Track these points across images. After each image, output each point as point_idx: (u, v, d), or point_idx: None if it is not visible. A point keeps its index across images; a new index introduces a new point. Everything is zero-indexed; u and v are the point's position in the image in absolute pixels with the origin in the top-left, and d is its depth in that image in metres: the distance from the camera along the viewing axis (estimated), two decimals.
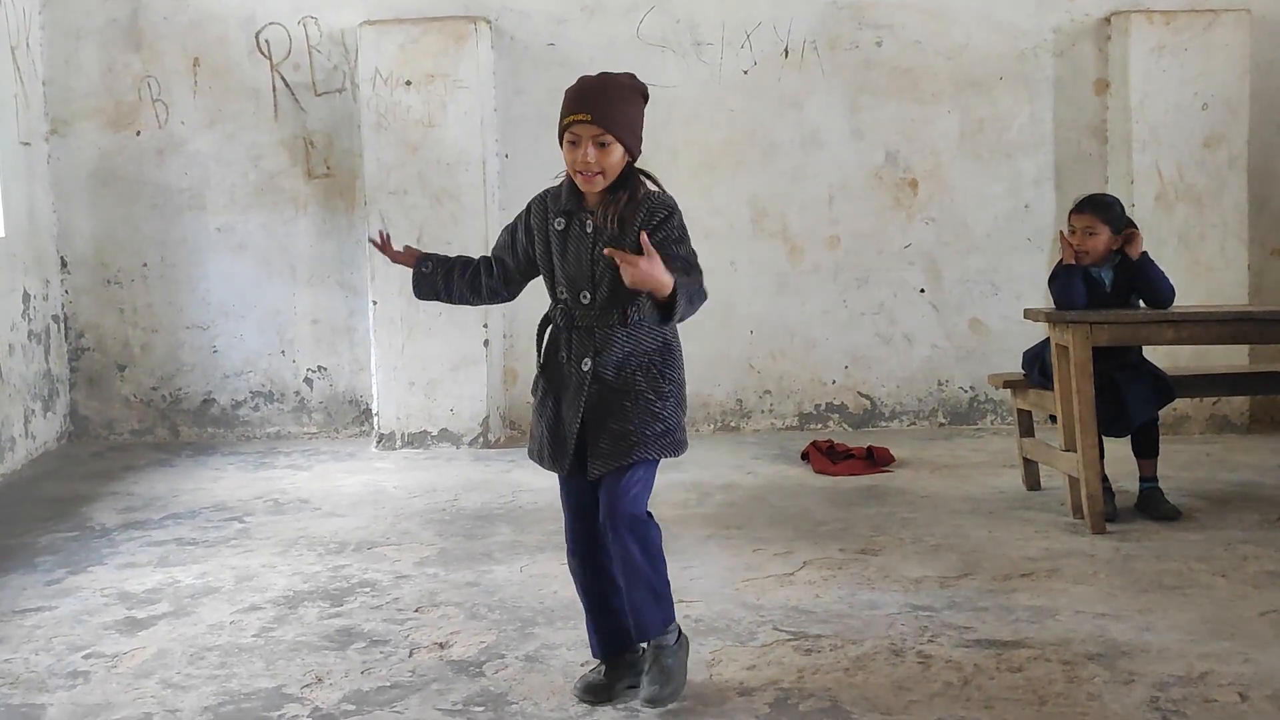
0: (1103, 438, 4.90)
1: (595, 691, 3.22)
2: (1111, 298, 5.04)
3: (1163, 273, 5.00)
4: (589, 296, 3.14)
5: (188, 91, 7.02)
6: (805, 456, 6.24)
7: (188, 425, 7.17)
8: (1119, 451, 5.18)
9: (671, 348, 3.20)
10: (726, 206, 7.03)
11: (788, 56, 7.02)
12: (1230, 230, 6.84)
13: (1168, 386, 5.01)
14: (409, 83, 6.67)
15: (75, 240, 7.09)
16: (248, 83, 7.01)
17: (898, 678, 3.34)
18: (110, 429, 7.18)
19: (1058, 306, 5.01)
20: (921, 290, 7.12)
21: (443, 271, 3.36)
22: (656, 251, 2.95)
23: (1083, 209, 5.06)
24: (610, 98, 3.10)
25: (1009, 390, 5.59)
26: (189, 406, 7.17)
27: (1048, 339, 5.08)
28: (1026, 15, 7.01)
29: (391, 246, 3.38)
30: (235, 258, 7.09)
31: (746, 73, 7.03)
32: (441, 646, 3.65)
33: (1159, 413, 5.10)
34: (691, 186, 6.58)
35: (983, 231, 7.10)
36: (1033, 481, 5.50)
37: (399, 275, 6.71)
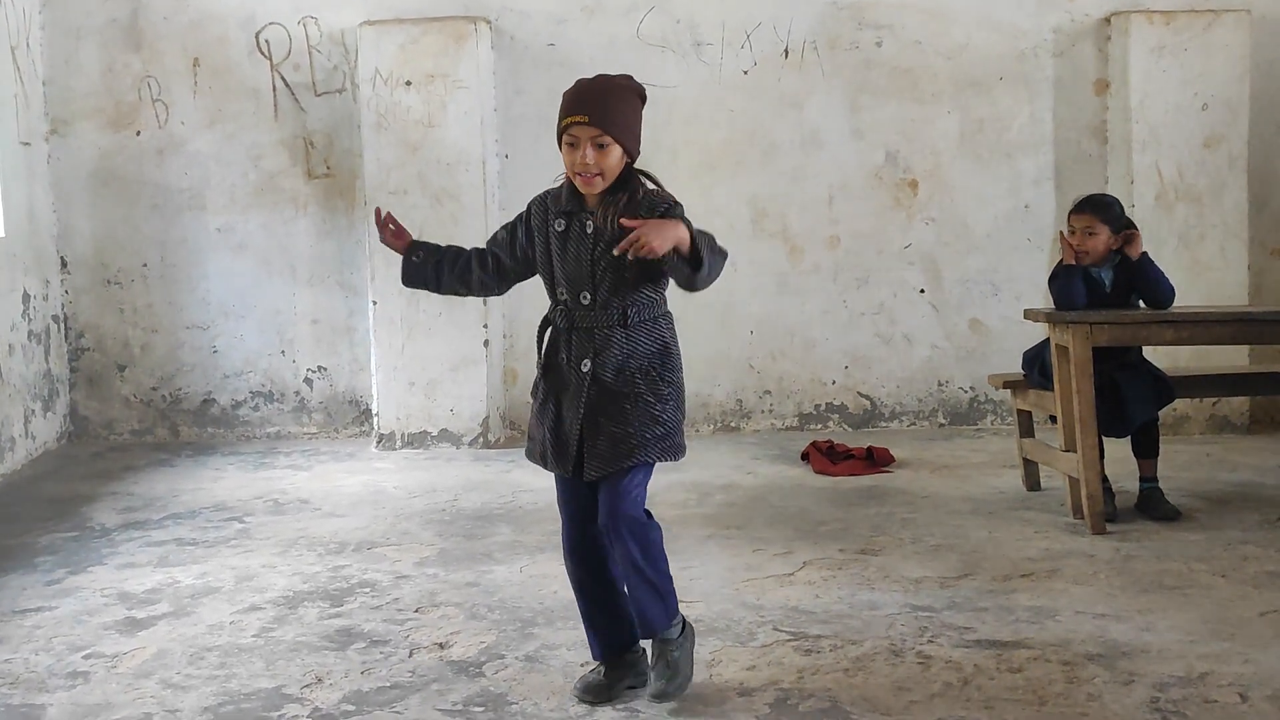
0: (1103, 438, 4.90)
1: (595, 692, 3.23)
2: (1111, 298, 5.04)
3: (1162, 273, 5.00)
4: (589, 297, 3.14)
5: (188, 91, 7.02)
6: (805, 457, 6.23)
7: (188, 425, 7.17)
8: (1119, 452, 5.18)
9: (670, 350, 3.21)
10: (726, 206, 7.03)
11: (788, 57, 7.02)
12: (1230, 230, 6.84)
13: (1168, 387, 5.01)
14: (409, 83, 6.67)
15: (75, 240, 7.09)
16: (248, 83, 7.01)
17: (897, 678, 3.34)
18: (110, 429, 7.18)
19: (1058, 307, 5.01)
20: (921, 290, 7.12)
21: (433, 262, 3.35)
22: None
23: (1082, 209, 5.06)
24: (608, 99, 3.10)
25: (1009, 391, 5.59)
26: (189, 406, 7.17)
27: (1047, 339, 5.08)
28: (1026, 15, 7.01)
29: (389, 227, 3.36)
30: (235, 258, 7.09)
31: (746, 73, 7.03)
32: (441, 647, 3.65)
33: (1159, 413, 5.10)
34: (691, 187, 6.56)
35: (983, 232, 7.10)
36: (1033, 482, 5.50)
37: (399, 275, 6.72)
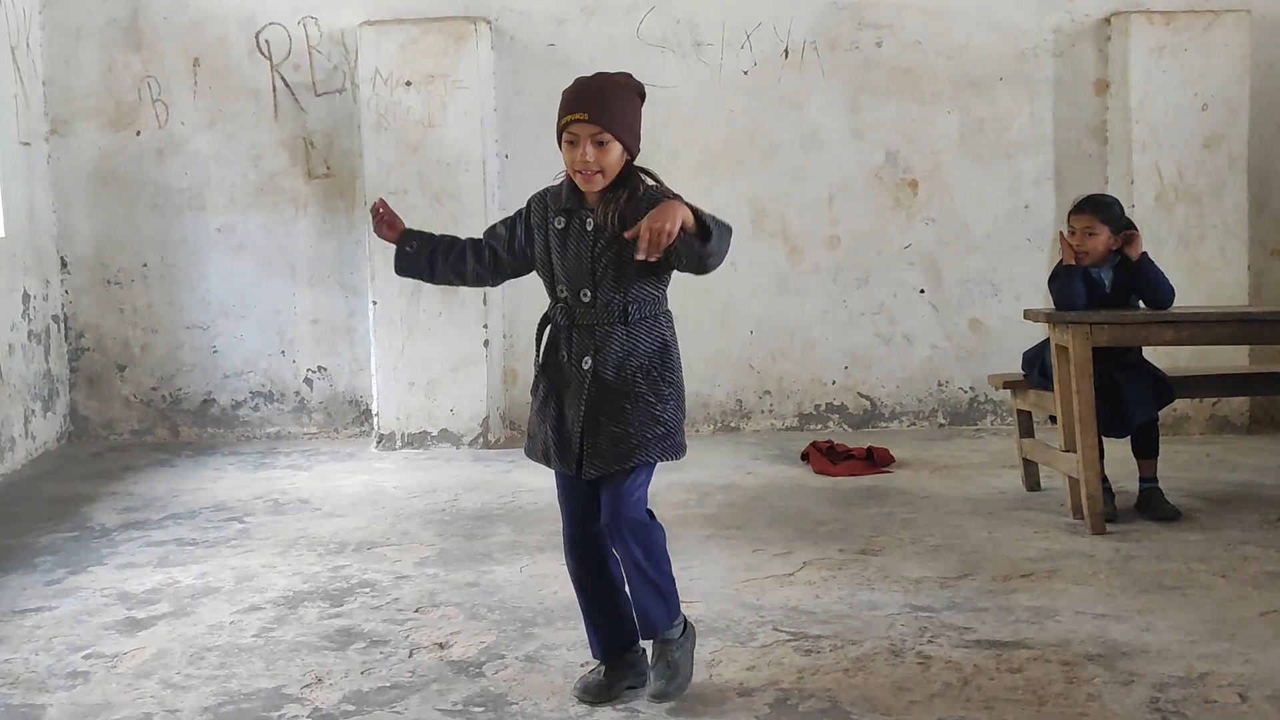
0: (1102, 438, 4.90)
1: (595, 692, 3.23)
2: (1111, 298, 5.04)
3: (1162, 273, 5.00)
4: (589, 295, 3.14)
5: (188, 91, 7.02)
6: (805, 457, 6.23)
7: (188, 425, 7.17)
8: (1119, 452, 5.18)
9: (670, 348, 3.21)
10: (726, 207, 6.99)
11: (788, 57, 7.02)
12: (1230, 231, 6.84)
13: (1168, 387, 5.01)
14: (409, 83, 6.67)
15: (75, 240, 7.09)
16: (248, 83, 7.01)
17: (897, 678, 3.34)
18: (110, 429, 7.18)
19: (1057, 307, 5.01)
20: (921, 290, 7.12)
21: (426, 253, 3.35)
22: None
23: (1082, 209, 5.06)
24: (607, 97, 3.10)
25: (1009, 391, 5.59)
26: (189, 406, 7.17)
27: (1047, 339, 5.08)
28: (1026, 15, 7.01)
29: (379, 213, 3.34)
30: (235, 258, 7.09)
31: (746, 73, 7.03)
32: (441, 647, 3.65)
33: (1159, 413, 5.10)
34: (691, 187, 6.44)
35: (983, 232, 7.10)
36: (1033, 482, 5.50)
37: (399, 276, 6.73)
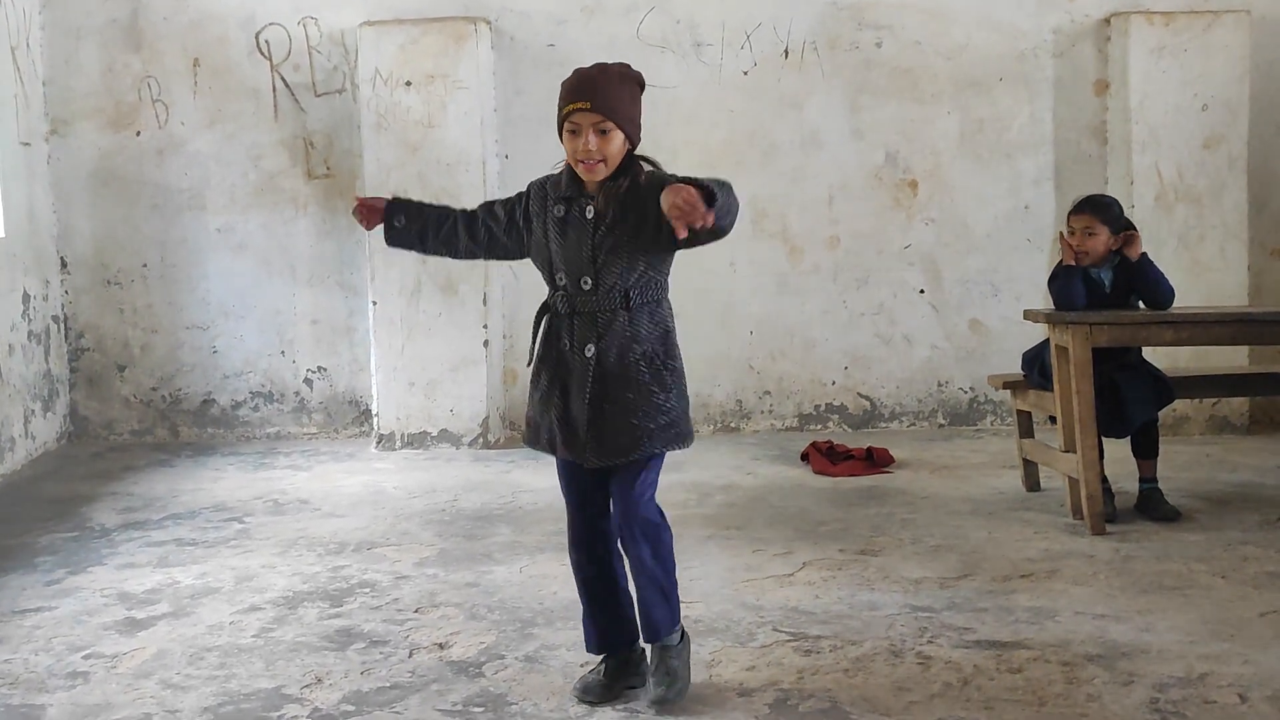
0: (1102, 438, 4.90)
1: (594, 692, 3.23)
2: (1111, 298, 5.04)
3: (1162, 274, 5.00)
4: (590, 282, 3.13)
5: (188, 92, 7.02)
6: (805, 457, 6.23)
7: (187, 425, 7.17)
8: (1119, 452, 5.18)
9: (671, 335, 3.21)
10: None
11: (788, 57, 7.02)
12: (1230, 231, 6.84)
13: (1167, 387, 5.01)
14: (409, 83, 6.67)
15: (75, 240, 7.09)
16: (248, 83, 7.01)
17: (897, 678, 3.34)
18: (110, 429, 7.18)
19: (1057, 307, 5.01)
20: (921, 291, 7.12)
21: (417, 227, 3.33)
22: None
23: (1081, 209, 5.06)
24: (609, 86, 3.10)
25: (1009, 391, 5.59)
26: (189, 407, 7.17)
27: (1047, 340, 5.08)
28: (1026, 16, 7.01)
29: (365, 210, 3.33)
30: (235, 258, 7.09)
31: (746, 73, 7.03)
32: (441, 647, 3.65)
33: (1158, 413, 5.10)
34: None
35: (982, 232, 7.10)
36: (1032, 482, 5.50)
37: (399, 276, 6.74)
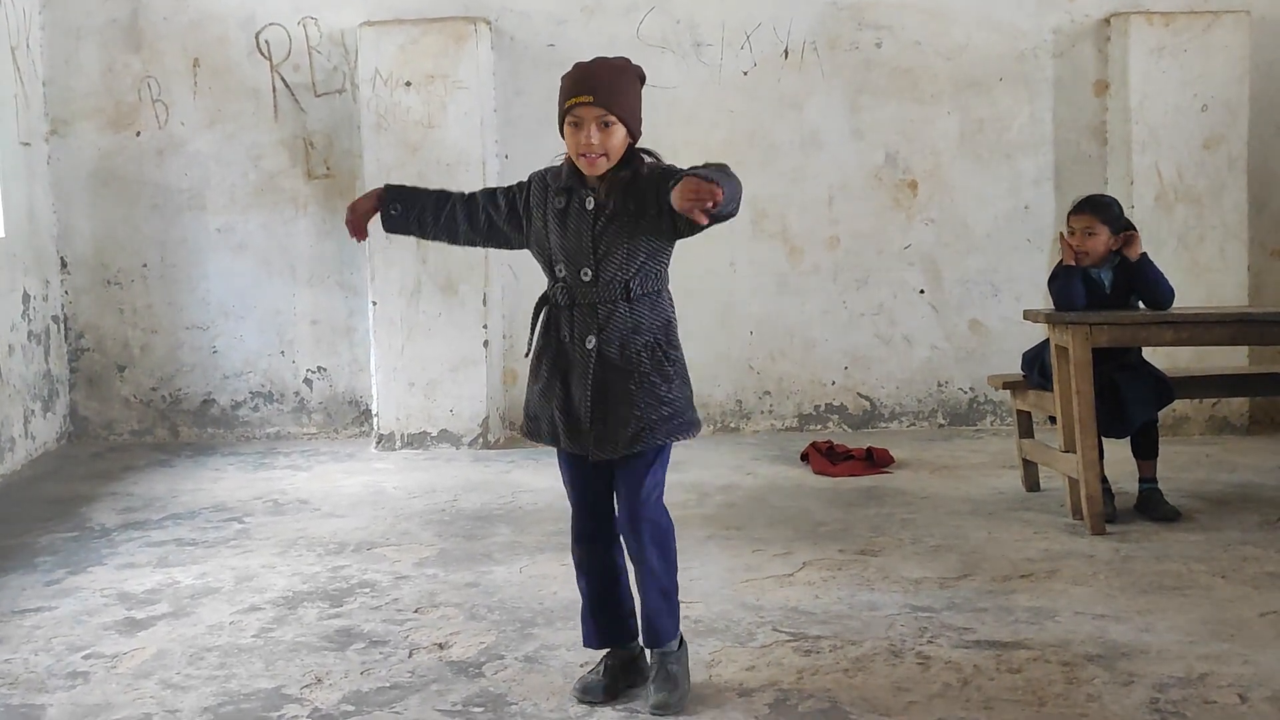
0: (1102, 439, 4.90)
1: (594, 692, 3.23)
2: (1111, 299, 5.04)
3: (1162, 274, 5.00)
4: (590, 273, 3.13)
5: (188, 92, 7.02)
6: (805, 457, 6.23)
7: (187, 426, 7.17)
8: (1119, 453, 5.18)
9: (672, 325, 3.21)
10: None
11: (787, 57, 7.02)
12: (1230, 231, 6.84)
13: (1167, 388, 5.01)
14: (409, 83, 6.67)
15: (75, 240, 7.09)
16: (248, 83, 7.01)
17: (897, 679, 3.34)
18: (110, 429, 7.18)
19: (1057, 307, 5.01)
20: (921, 291, 7.12)
21: (415, 214, 3.34)
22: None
23: (1081, 210, 5.06)
24: (611, 79, 3.10)
25: (1008, 391, 5.59)
26: (189, 407, 7.17)
27: (1047, 340, 5.08)
28: (1026, 16, 7.01)
29: (357, 219, 3.32)
30: (235, 258, 7.09)
31: (746, 73, 7.03)
32: (441, 647, 3.65)
33: (1158, 414, 5.11)
34: None
35: (982, 232, 7.10)
36: (1032, 483, 5.50)
37: (399, 276, 6.74)
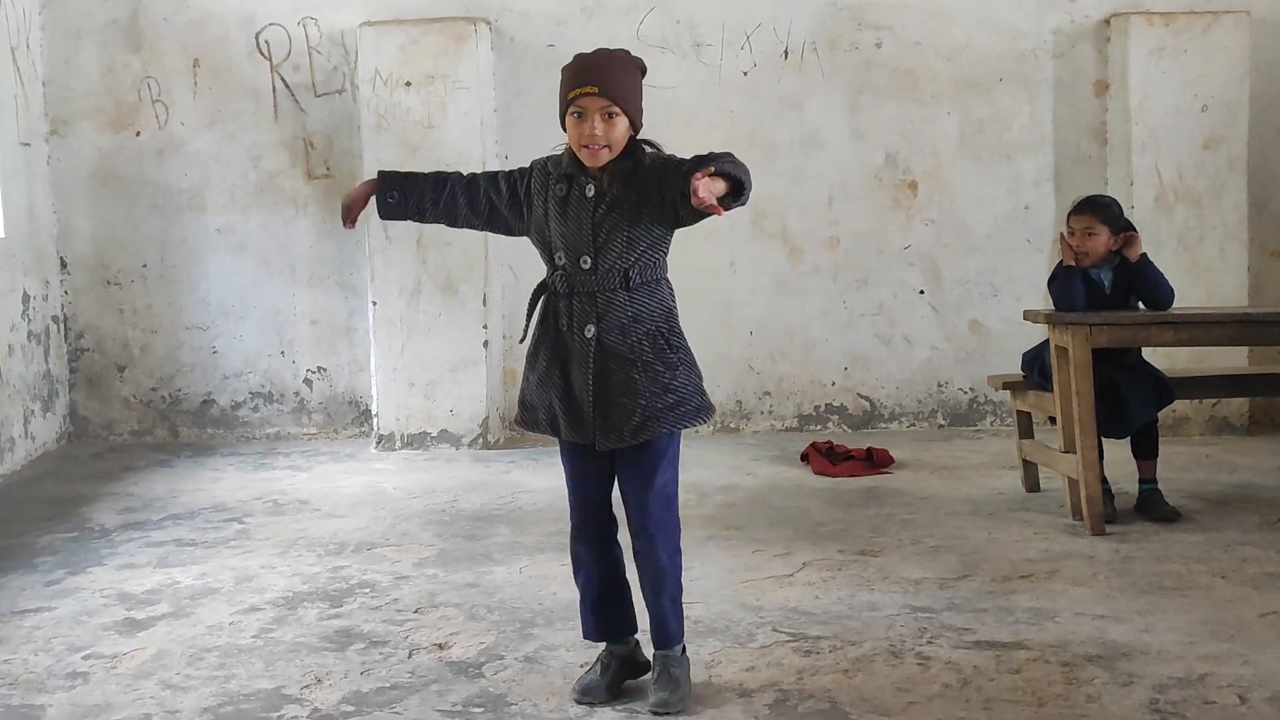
0: (1102, 439, 4.90)
1: (594, 692, 3.23)
2: (1111, 299, 5.04)
3: (1162, 274, 5.00)
4: (589, 261, 3.12)
5: (188, 92, 7.03)
6: (805, 458, 6.23)
7: (187, 426, 7.17)
8: (1118, 453, 5.18)
9: (673, 314, 3.20)
10: None
11: (787, 57, 7.02)
12: (1230, 232, 6.84)
13: (1167, 388, 5.01)
14: (409, 84, 6.67)
15: (75, 240, 7.09)
16: (248, 83, 7.01)
17: (897, 679, 3.34)
18: (110, 430, 7.18)
19: (1057, 308, 5.01)
20: (921, 291, 7.12)
21: (413, 199, 3.34)
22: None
23: (1081, 210, 5.06)
24: (614, 70, 3.09)
25: (1008, 392, 5.59)
26: (188, 407, 7.17)
27: (1047, 340, 5.08)
28: (1026, 16, 7.01)
29: (354, 211, 3.35)
30: (235, 258, 7.09)
31: (746, 74, 7.03)
32: (441, 647, 3.65)
33: (1158, 414, 5.10)
34: None
35: (982, 233, 7.10)
36: (1032, 483, 5.50)
37: (399, 276, 6.74)
